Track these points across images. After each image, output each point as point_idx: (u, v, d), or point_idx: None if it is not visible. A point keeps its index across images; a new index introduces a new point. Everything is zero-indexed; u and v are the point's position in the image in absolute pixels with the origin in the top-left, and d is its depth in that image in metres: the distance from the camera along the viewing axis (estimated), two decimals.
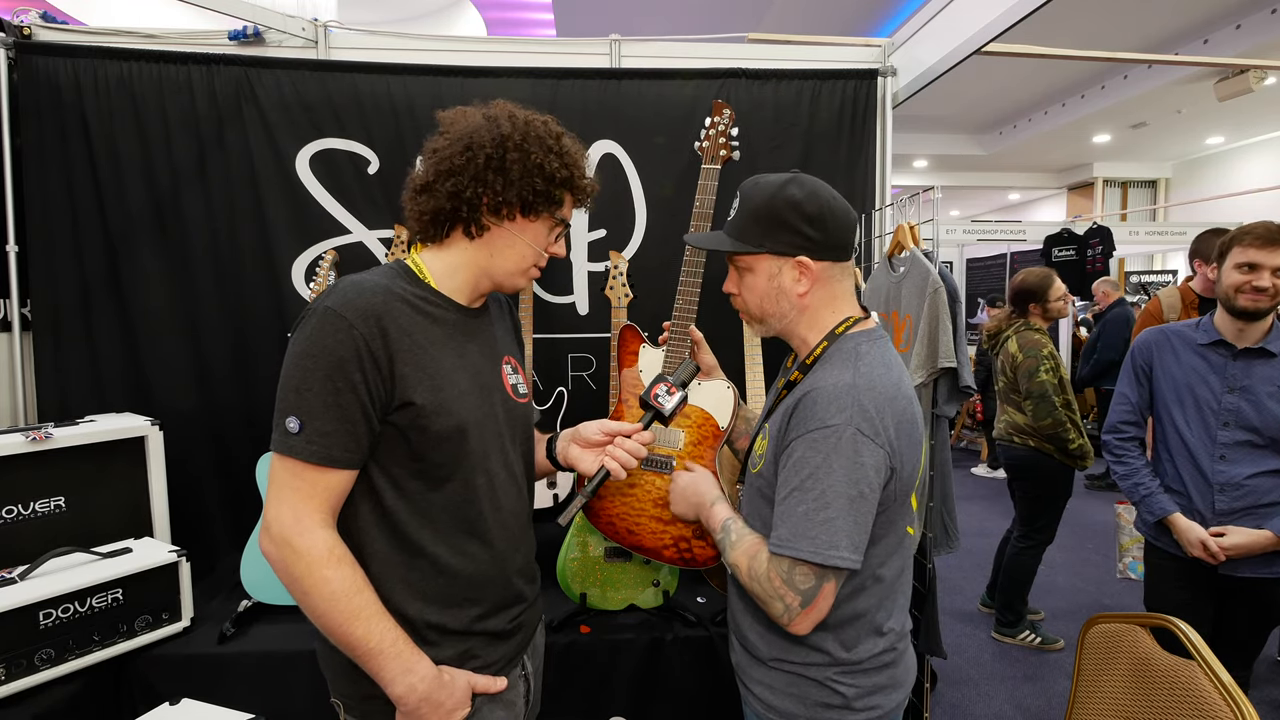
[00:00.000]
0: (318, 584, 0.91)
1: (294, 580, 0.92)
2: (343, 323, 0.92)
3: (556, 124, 1.08)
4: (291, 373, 0.93)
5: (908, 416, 1.00)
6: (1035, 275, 3.03)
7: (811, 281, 1.05)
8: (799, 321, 1.09)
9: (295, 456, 0.92)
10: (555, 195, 1.06)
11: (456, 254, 1.06)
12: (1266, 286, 1.68)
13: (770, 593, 0.98)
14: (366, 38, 2.39)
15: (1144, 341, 1.92)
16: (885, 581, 1.05)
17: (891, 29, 3.89)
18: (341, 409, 0.92)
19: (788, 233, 1.03)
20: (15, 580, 1.51)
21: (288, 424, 0.92)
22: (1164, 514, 1.81)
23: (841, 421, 0.94)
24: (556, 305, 2.34)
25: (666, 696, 1.76)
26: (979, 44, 2.25)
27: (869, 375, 0.98)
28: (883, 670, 1.06)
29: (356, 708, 1.02)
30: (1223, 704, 1.09)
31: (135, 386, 2.18)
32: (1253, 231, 1.73)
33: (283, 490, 0.93)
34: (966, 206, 13.32)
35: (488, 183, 1.00)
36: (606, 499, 1.53)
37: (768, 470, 1.05)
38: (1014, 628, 3.12)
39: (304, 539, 0.91)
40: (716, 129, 1.58)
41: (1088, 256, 6.51)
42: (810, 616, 0.97)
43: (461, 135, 1.01)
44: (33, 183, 2.10)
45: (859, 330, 1.07)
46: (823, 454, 0.94)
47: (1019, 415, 2.95)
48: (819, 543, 0.93)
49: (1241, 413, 1.73)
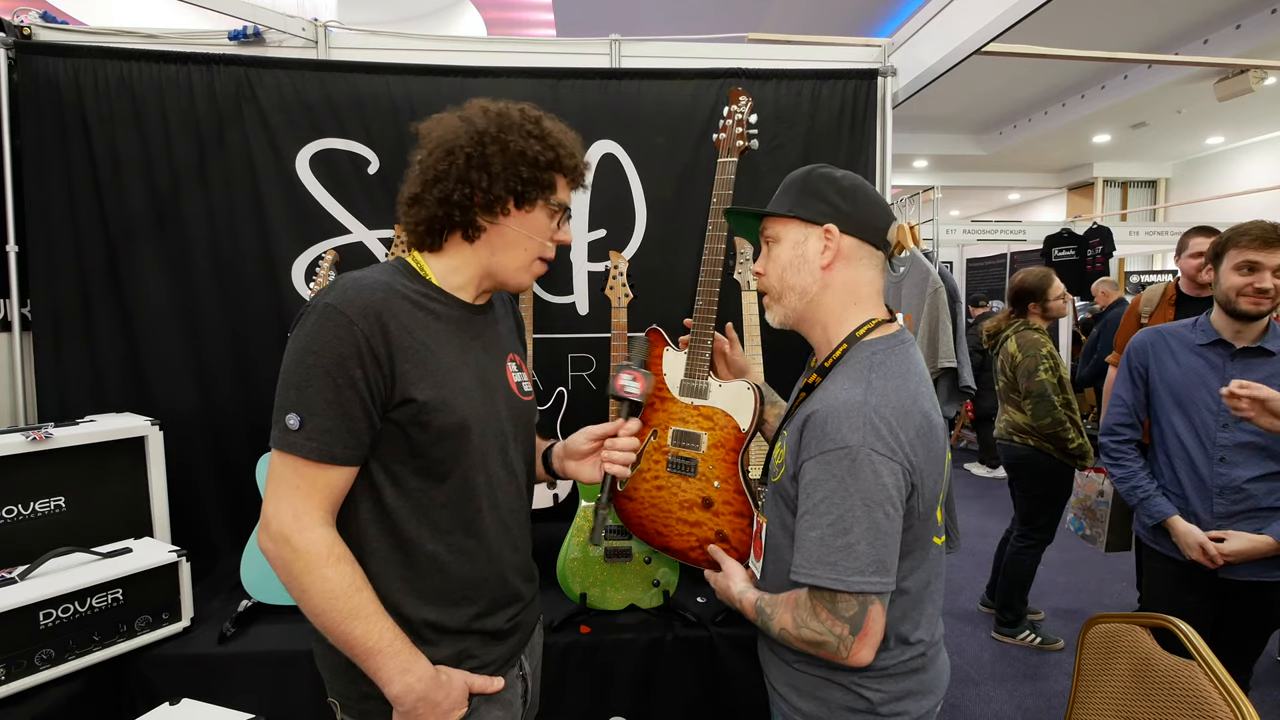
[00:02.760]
0: (316, 582, 0.91)
1: (292, 578, 0.91)
2: (343, 319, 0.92)
3: (535, 109, 1.06)
4: (292, 370, 0.93)
5: (925, 430, 0.96)
6: (1034, 275, 3.03)
7: (835, 254, 1.04)
8: (819, 304, 1.06)
9: (295, 453, 0.91)
10: (545, 179, 1.04)
11: (457, 258, 1.06)
12: (1269, 288, 1.65)
13: (820, 631, 0.94)
14: (366, 38, 2.39)
15: (1139, 343, 1.90)
16: (910, 594, 1.02)
17: (891, 29, 3.88)
18: (342, 406, 0.92)
19: (817, 200, 1.05)
20: (15, 580, 1.51)
21: (287, 421, 0.92)
22: (1162, 517, 1.79)
23: (856, 442, 0.91)
24: (556, 305, 2.34)
25: (666, 696, 1.76)
26: (979, 44, 2.26)
27: (882, 389, 0.95)
28: (910, 676, 1.03)
29: (353, 707, 1.02)
30: (1223, 704, 1.09)
31: (135, 386, 2.18)
32: (1249, 232, 1.70)
33: (282, 487, 0.92)
34: (966, 206, 13.32)
35: (473, 182, 0.99)
36: (636, 500, 1.52)
37: (787, 479, 1.03)
38: (1014, 628, 3.12)
39: (303, 537, 0.91)
40: (734, 118, 1.51)
41: (1088, 256, 6.51)
42: (866, 642, 0.93)
43: (440, 141, 1.01)
44: (33, 183, 2.10)
45: (880, 335, 1.04)
46: (837, 477, 0.91)
47: (1018, 414, 2.95)
48: (840, 569, 0.90)
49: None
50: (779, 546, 1.08)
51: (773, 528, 1.10)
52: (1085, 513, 2.49)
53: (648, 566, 1.78)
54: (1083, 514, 2.50)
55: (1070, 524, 2.59)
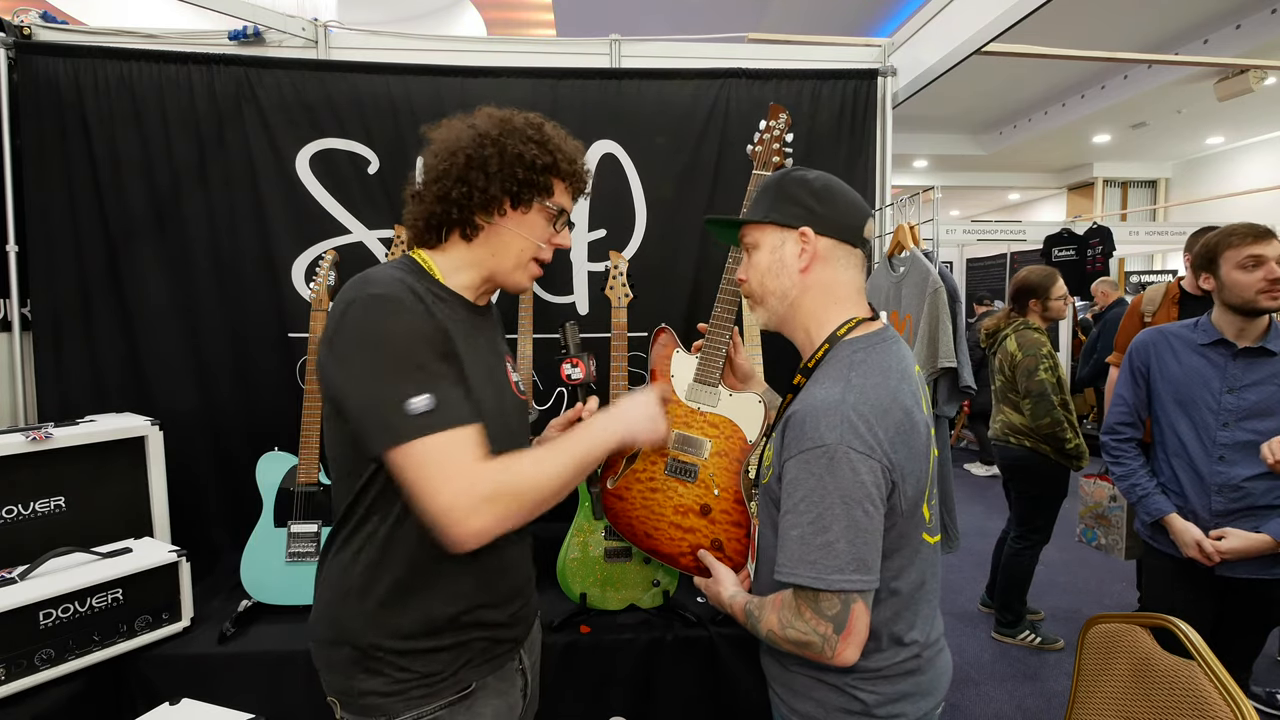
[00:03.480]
0: (530, 487, 0.93)
1: (526, 507, 0.93)
2: (401, 305, 0.92)
3: (540, 117, 1.09)
4: (386, 358, 0.90)
5: (905, 427, 0.96)
6: (1038, 272, 3.00)
7: (812, 256, 1.04)
8: (799, 306, 1.07)
9: (443, 428, 0.88)
10: (541, 182, 1.06)
11: (457, 255, 1.08)
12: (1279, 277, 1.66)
13: (805, 630, 0.95)
14: (366, 38, 2.39)
15: (1141, 342, 1.91)
16: (902, 594, 1.01)
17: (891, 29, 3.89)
18: (445, 375, 0.94)
19: (791, 204, 1.05)
20: (15, 580, 1.51)
21: (412, 407, 0.88)
22: (1160, 514, 1.81)
23: (833, 440, 0.91)
24: (556, 305, 2.34)
25: (666, 696, 1.76)
26: (979, 44, 2.26)
27: (861, 387, 0.95)
28: (906, 678, 1.02)
29: (353, 704, 1.02)
30: (1223, 704, 1.09)
31: (135, 386, 2.18)
32: (1237, 231, 1.73)
33: (446, 469, 0.88)
34: (966, 206, 13.31)
35: (470, 180, 1.02)
36: (626, 500, 1.52)
37: (774, 480, 1.03)
38: (1014, 628, 3.12)
39: (486, 484, 0.89)
40: (772, 133, 1.53)
41: (1088, 256, 6.50)
42: (851, 641, 0.93)
43: (446, 143, 1.04)
44: (33, 183, 2.10)
45: (860, 334, 1.04)
46: (816, 475, 0.92)
47: (1015, 415, 2.94)
48: (820, 567, 0.90)
49: (1242, 412, 1.72)
50: (769, 547, 1.07)
51: (763, 529, 1.10)
52: (1098, 521, 2.43)
53: (647, 566, 1.78)
54: (1095, 522, 2.44)
55: (1082, 535, 2.54)
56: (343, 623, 1.01)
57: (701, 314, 1.52)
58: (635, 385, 2.27)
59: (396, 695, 0.99)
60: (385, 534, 0.99)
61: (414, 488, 0.89)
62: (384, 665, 1.00)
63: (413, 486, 0.89)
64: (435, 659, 1.01)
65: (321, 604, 1.05)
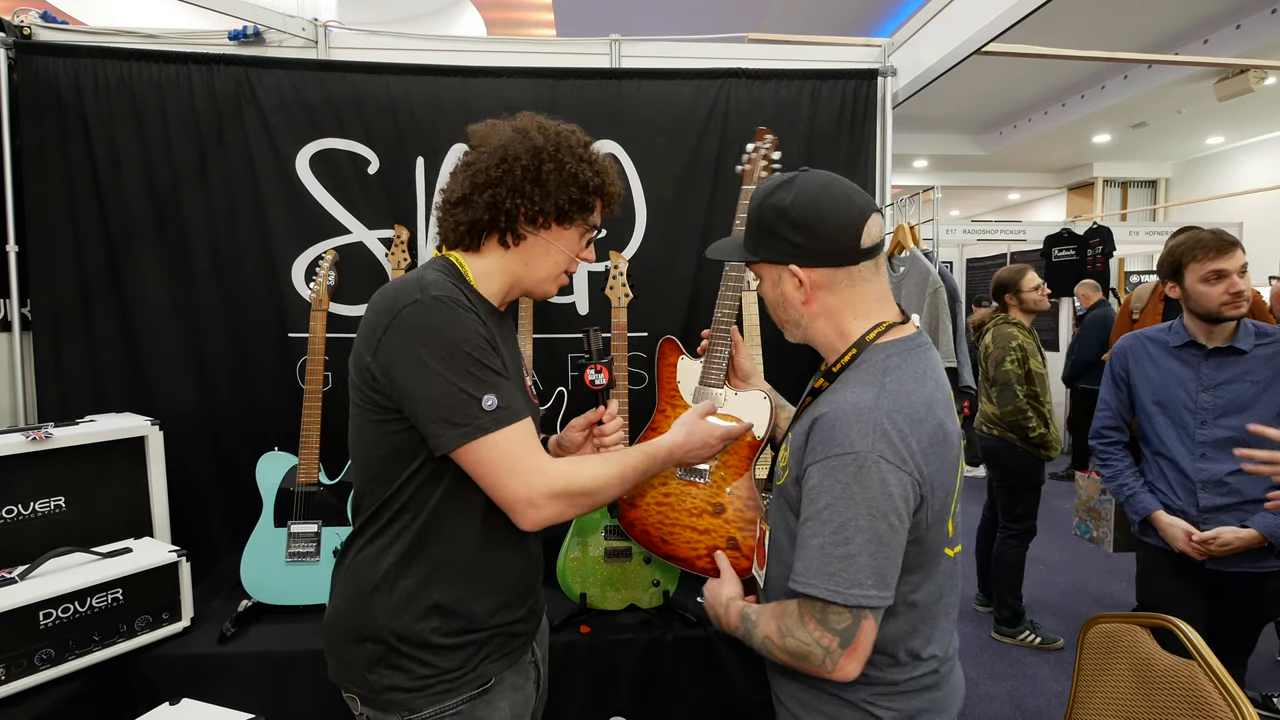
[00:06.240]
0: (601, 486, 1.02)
1: (591, 499, 1.02)
2: (460, 308, 0.97)
3: (582, 133, 1.12)
4: (459, 357, 0.95)
5: (938, 438, 0.92)
6: (1009, 269, 3.17)
7: (810, 288, 0.98)
8: (813, 328, 1.03)
9: (510, 422, 0.97)
10: (588, 203, 1.10)
11: (491, 261, 1.10)
12: (1242, 289, 1.71)
13: (807, 641, 0.91)
14: (366, 38, 2.39)
15: (1120, 348, 1.98)
16: (919, 607, 0.97)
17: (891, 29, 3.88)
18: (504, 373, 1.00)
19: (774, 238, 0.98)
20: (15, 580, 1.51)
21: (487, 402, 0.95)
22: (1146, 512, 1.87)
23: (864, 448, 0.87)
24: (556, 305, 2.33)
25: (666, 696, 1.76)
26: (979, 44, 2.26)
27: (896, 393, 0.91)
28: (923, 694, 0.99)
29: (374, 700, 1.02)
30: (1223, 704, 1.09)
31: (135, 386, 2.18)
32: (1202, 242, 1.76)
33: (516, 464, 0.96)
34: (966, 206, 13.30)
35: (525, 193, 1.04)
36: (640, 508, 1.52)
37: (791, 483, 1.00)
38: (1014, 627, 3.13)
39: (558, 480, 0.98)
40: (759, 152, 1.58)
41: (1088, 256, 6.51)
42: (855, 656, 0.90)
43: (496, 148, 1.05)
44: (33, 183, 2.10)
45: (892, 339, 0.99)
46: (842, 483, 0.87)
47: (989, 405, 3.07)
48: (839, 580, 0.87)
49: (1219, 410, 1.77)
50: (783, 551, 1.04)
51: (776, 533, 1.07)
52: (1089, 514, 2.53)
53: (647, 566, 1.79)
54: (1087, 515, 2.54)
55: (1076, 529, 2.63)
56: (366, 618, 1.02)
57: (701, 314, 1.53)
58: (635, 385, 2.27)
59: (418, 690, 1.00)
60: (416, 531, 1.01)
61: (489, 480, 0.97)
62: (406, 660, 1.00)
63: (487, 479, 0.97)
64: (457, 654, 1.02)
65: (342, 601, 1.06)
